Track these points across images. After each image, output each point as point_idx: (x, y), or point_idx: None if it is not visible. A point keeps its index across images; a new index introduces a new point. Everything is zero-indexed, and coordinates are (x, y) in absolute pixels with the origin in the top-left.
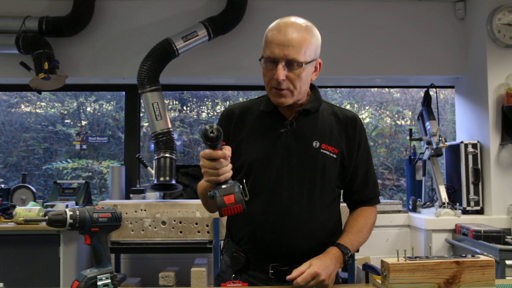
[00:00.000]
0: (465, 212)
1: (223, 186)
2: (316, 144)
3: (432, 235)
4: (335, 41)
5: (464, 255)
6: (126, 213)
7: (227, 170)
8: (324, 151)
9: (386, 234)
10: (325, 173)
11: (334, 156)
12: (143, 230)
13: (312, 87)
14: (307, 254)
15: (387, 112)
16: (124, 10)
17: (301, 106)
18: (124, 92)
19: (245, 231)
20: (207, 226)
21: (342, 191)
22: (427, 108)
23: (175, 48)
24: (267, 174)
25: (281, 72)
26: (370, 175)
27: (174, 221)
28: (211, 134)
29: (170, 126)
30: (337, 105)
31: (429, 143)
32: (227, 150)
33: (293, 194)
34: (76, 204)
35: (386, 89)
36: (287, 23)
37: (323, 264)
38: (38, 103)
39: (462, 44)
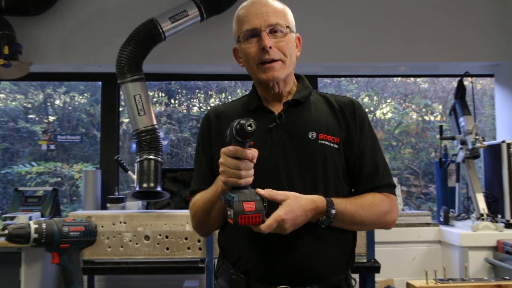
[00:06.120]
0: (508, 225)
1: (243, 191)
2: (312, 135)
3: (469, 253)
4: (350, 24)
5: (508, 277)
6: (102, 226)
7: (250, 174)
8: (323, 142)
9: (412, 251)
10: (327, 165)
11: (336, 146)
12: (122, 247)
13: (299, 77)
14: (321, 268)
15: (413, 106)
16: None
17: (289, 97)
18: (100, 83)
19: (243, 249)
20: (199, 241)
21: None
22: (460, 101)
23: (161, 31)
24: (261, 177)
25: (267, 39)
26: (379, 163)
27: (160, 235)
28: (249, 128)
29: (155, 122)
30: (334, 93)
31: (463, 142)
32: (255, 152)
33: None
34: (42, 216)
35: (412, 78)
36: None
37: (293, 211)
38: None
39: (502, 24)
